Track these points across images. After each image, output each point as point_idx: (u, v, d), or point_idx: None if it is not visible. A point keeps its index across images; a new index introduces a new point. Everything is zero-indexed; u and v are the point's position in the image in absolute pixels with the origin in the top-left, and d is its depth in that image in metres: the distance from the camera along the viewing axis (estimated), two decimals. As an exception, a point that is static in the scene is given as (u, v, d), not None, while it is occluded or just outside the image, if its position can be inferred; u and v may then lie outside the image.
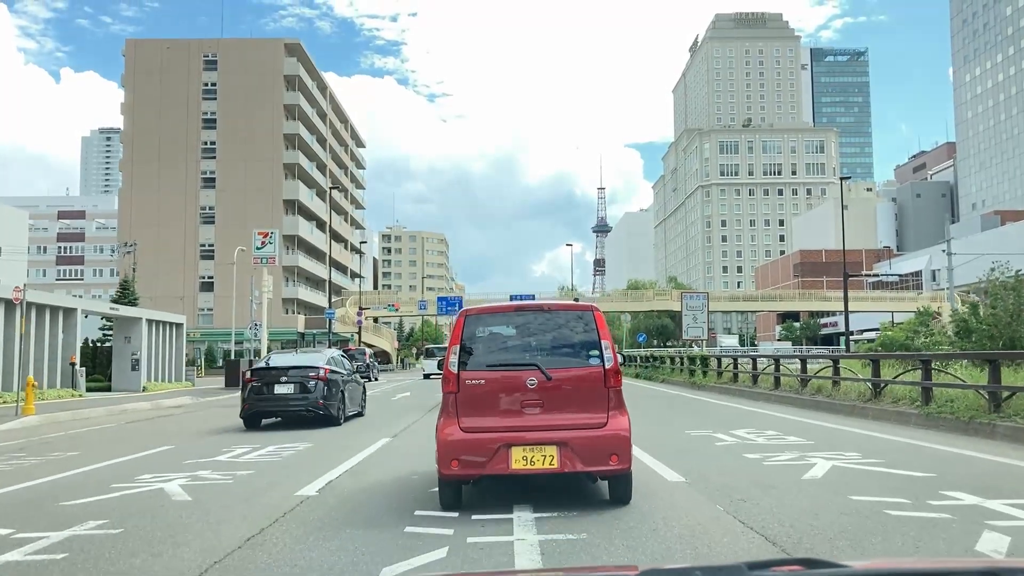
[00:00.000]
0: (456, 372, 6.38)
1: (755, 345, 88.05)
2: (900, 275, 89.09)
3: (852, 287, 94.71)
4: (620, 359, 6.65)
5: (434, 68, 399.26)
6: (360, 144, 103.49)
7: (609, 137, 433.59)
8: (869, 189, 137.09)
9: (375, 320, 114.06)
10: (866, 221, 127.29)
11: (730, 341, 70.37)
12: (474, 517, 6.03)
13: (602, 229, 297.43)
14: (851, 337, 53.16)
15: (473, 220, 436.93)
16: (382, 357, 72.47)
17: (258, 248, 52.78)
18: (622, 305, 75.06)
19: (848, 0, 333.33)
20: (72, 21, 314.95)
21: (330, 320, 50.97)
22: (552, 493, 6.87)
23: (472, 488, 6.79)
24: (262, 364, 16.22)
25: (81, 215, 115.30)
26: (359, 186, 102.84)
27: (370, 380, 43.71)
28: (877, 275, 71.04)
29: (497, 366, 6.43)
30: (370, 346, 71.81)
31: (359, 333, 68.18)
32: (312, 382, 15.49)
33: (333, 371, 16.09)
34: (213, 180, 74.20)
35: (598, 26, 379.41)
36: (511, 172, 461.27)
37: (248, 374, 15.88)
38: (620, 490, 6.52)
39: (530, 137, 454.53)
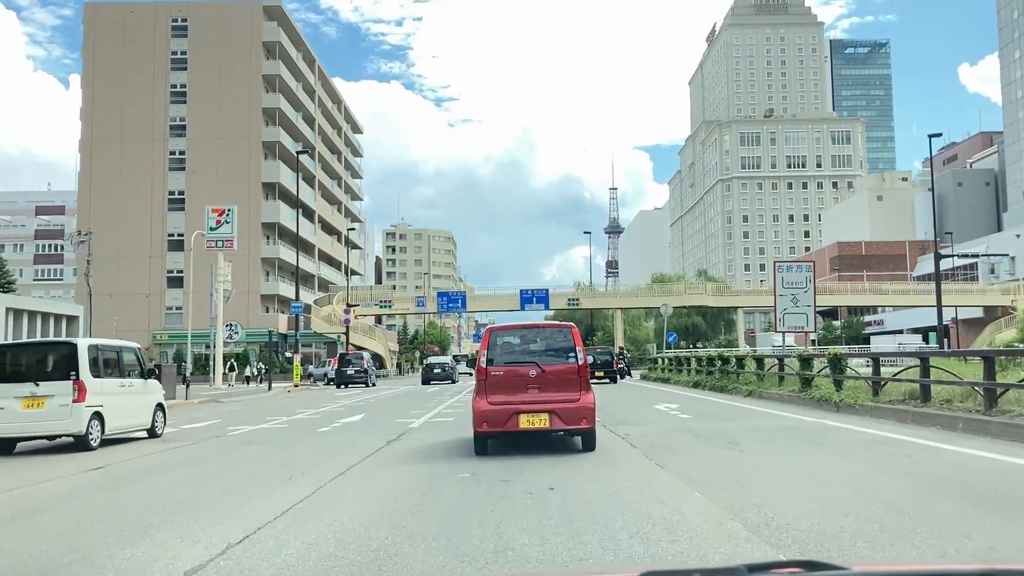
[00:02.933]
0: (485, 367, 9.93)
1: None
2: (955, 264, 78.64)
3: (896, 281, 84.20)
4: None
5: (440, 72, 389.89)
6: (357, 129, 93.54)
7: (618, 139, 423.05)
8: (904, 179, 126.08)
9: (378, 320, 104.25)
10: (903, 212, 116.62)
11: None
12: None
13: (614, 230, 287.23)
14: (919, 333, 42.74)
15: (482, 224, 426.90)
16: (375, 361, 62.51)
17: (213, 229, 42.88)
18: (648, 300, 64.62)
19: (855, 0, 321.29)
20: (79, 27, 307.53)
21: (297, 316, 40.91)
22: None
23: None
24: (428, 363, 46.92)
25: (61, 210, 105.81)
26: (355, 175, 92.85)
27: (367, 385, 38.63)
28: (981, 255, 60.45)
29: (510, 363, 10.00)
30: (360, 349, 61.84)
31: (347, 333, 58.18)
32: (448, 368, 43.89)
33: (452, 364, 46.64)
34: (183, 161, 64.37)
35: (605, 27, 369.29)
36: (519, 175, 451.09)
37: (424, 365, 47.56)
38: (588, 442, 10.03)
39: (538, 140, 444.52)
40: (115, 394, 12.59)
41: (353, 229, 65.50)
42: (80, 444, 11.84)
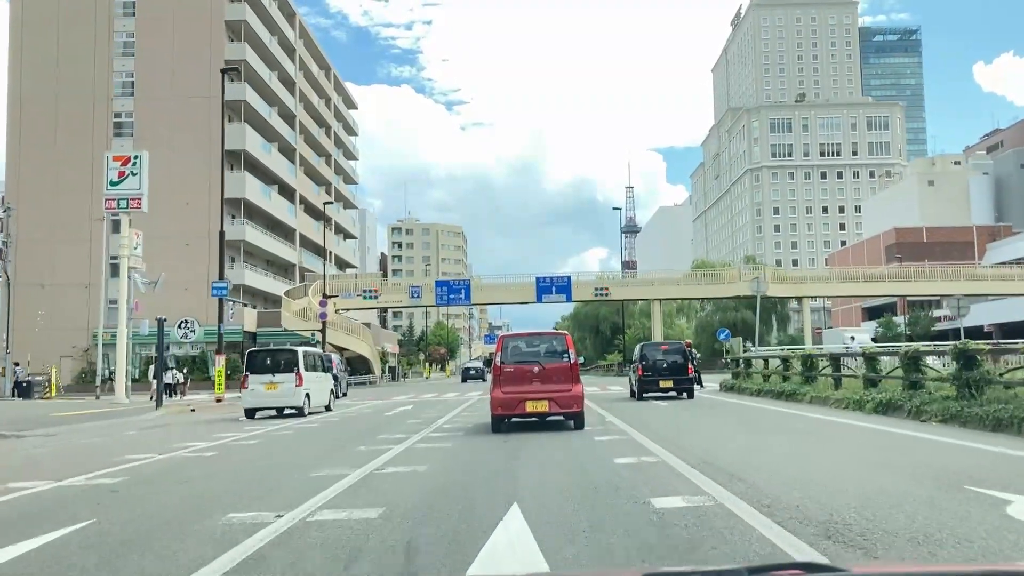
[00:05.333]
0: (499, 365, 12.27)
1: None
2: None
3: (966, 270, 70.71)
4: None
5: (450, 76, 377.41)
6: (351, 104, 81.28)
7: (631, 141, 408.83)
8: (957, 163, 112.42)
9: (382, 322, 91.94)
10: (957, 198, 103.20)
11: (863, 336, 46.55)
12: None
13: (631, 230, 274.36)
14: None
15: (495, 227, 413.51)
16: (359, 365, 50.07)
17: (114, 183, 30.64)
18: (692, 290, 51.91)
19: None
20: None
21: (221, 302, 28.64)
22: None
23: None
24: (466, 366, 57.24)
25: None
26: (349, 155, 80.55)
27: (335, 397, 27.48)
28: None
29: (519, 361, 12.30)
30: (341, 349, 49.60)
31: (323, 331, 46.01)
32: (480, 369, 50.51)
33: (483, 366, 48.61)
34: (130, 125, 52.40)
35: (615, 28, 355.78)
36: (532, 178, 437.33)
37: (463, 368, 57.72)
38: (578, 423, 12.23)
39: (550, 143, 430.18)
40: (314, 382, 19.44)
41: (330, 203, 53.15)
42: (298, 412, 18.51)
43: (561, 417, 12.26)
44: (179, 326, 40.76)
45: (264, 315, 53.28)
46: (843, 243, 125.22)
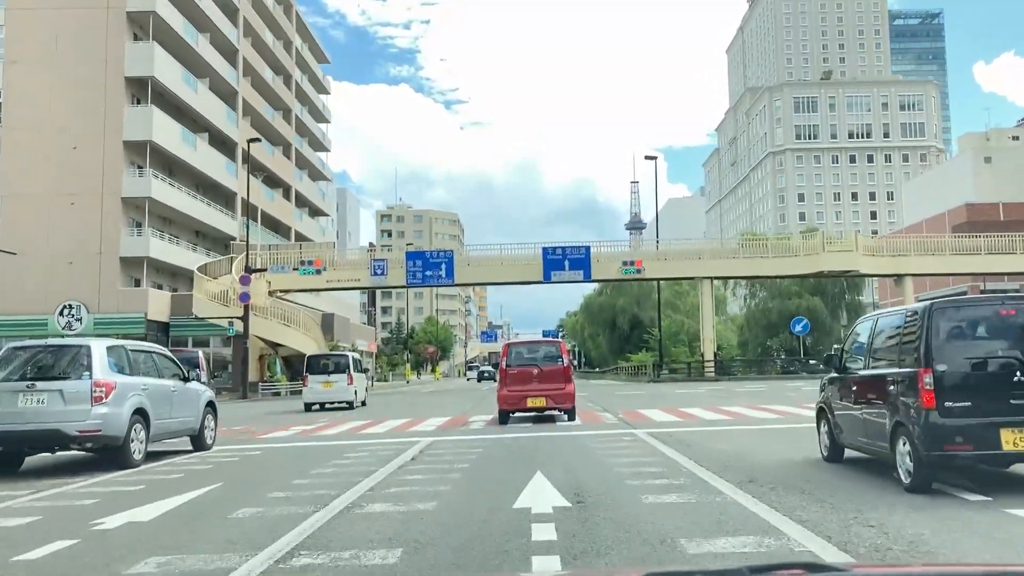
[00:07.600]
0: (505, 368, 14.75)
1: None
2: None
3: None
4: None
5: (449, 75, 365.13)
6: (320, 56, 66.89)
7: (631, 141, 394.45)
8: (1015, 138, 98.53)
9: (369, 319, 78.87)
10: (1016, 176, 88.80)
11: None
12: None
13: (636, 226, 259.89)
14: None
15: (496, 227, 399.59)
16: (302, 366, 35.93)
17: None
18: (756, 266, 37.54)
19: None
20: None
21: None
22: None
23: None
24: (481, 369, 65.38)
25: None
26: (319, 116, 66.30)
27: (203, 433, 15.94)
28: None
29: (521, 364, 14.73)
30: (275, 346, 35.45)
31: (245, 319, 31.96)
32: (492, 372, 51.89)
33: (492, 370, 49.12)
34: (-1, 44, 38.38)
35: (613, 28, 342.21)
36: (532, 179, 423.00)
37: (479, 371, 64.58)
38: (571, 416, 14.49)
39: (549, 143, 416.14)
40: (360, 381, 23.94)
41: (258, 139, 38.81)
42: (350, 406, 22.69)
43: (557, 411, 14.66)
44: (60, 313, 27.86)
45: (181, 299, 39.22)
46: (874, 232, 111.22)
